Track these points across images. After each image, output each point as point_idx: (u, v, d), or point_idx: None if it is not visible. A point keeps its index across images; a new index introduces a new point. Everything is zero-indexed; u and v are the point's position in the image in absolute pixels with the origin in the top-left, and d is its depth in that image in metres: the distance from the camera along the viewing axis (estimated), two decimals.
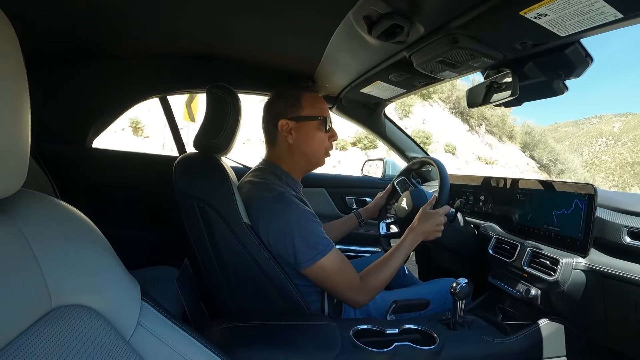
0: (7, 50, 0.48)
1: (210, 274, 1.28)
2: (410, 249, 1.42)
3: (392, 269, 1.35)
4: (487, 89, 1.48)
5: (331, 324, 1.21)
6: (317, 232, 1.25)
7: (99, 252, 0.64)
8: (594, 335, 1.37)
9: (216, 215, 1.21)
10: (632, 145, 78.74)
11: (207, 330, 1.11)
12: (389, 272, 1.35)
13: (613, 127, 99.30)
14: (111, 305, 0.62)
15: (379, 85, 1.90)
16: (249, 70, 2.07)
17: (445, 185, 1.53)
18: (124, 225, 2.04)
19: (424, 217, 1.46)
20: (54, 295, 0.54)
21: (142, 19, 1.49)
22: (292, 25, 1.48)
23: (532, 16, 0.98)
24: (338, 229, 1.91)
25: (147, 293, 0.70)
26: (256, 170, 1.44)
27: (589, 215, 1.29)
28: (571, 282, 1.29)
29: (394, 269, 1.36)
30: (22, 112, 0.51)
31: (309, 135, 1.38)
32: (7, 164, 0.49)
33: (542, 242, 1.46)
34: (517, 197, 1.64)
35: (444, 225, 1.48)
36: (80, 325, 0.55)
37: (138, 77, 2.02)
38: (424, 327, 1.29)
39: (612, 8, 0.89)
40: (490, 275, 1.64)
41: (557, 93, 1.36)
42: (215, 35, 1.69)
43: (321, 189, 2.56)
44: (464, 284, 1.32)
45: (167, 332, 0.69)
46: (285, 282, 1.25)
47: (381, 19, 1.19)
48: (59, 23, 1.46)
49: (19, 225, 0.53)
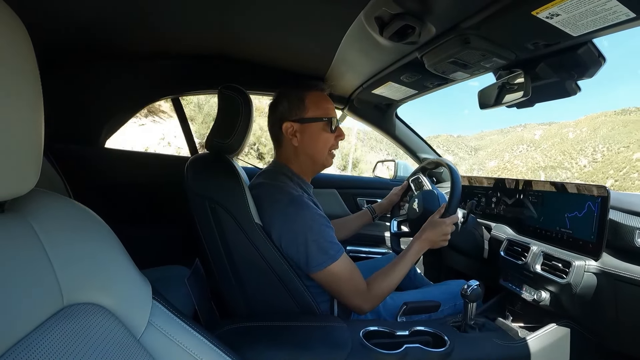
0: (20, 50, 0.49)
1: (221, 273, 1.28)
2: (417, 257, 1.42)
3: (398, 277, 1.35)
4: (499, 89, 1.47)
5: (341, 325, 1.21)
6: (329, 237, 1.25)
7: (111, 251, 0.65)
8: (606, 339, 1.35)
9: (227, 215, 1.22)
10: (548, 150, 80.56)
11: (218, 330, 1.11)
12: (395, 280, 1.34)
13: (534, 134, 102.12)
14: (122, 303, 0.62)
15: (391, 86, 1.90)
16: (261, 71, 2.07)
17: (456, 192, 1.51)
18: (135, 225, 2.06)
19: (430, 226, 1.45)
20: (65, 293, 0.54)
21: (154, 20, 1.50)
22: (304, 26, 1.48)
23: (544, 16, 0.97)
24: (352, 224, 1.92)
25: (158, 292, 0.71)
26: (267, 171, 1.44)
27: (602, 218, 1.28)
28: (583, 285, 1.28)
29: (400, 277, 1.36)
30: (36, 112, 0.52)
31: (314, 137, 1.37)
32: (21, 163, 0.50)
33: (554, 245, 1.45)
34: (529, 199, 1.63)
35: (455, 225, 1.47)
36: (92, 323, 0.56)
37: (150, 78, 2.04)
38: (435, 329, 1.28)
39: (625, 7, 0.88)
40: (502, 277, 1.62)
41: (569, 94, 1.35)
42: (227, 36, 1.70)
43: (333, 190, 2.56)
44: (475, 286, 1.31)
45: (178, 331, 0.69)
46: (296, 282, 1.26)
47: (393, 20, 1.18)
48: (72, 23, 1.47)
49: (31, 224, 0.54)
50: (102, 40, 1.70)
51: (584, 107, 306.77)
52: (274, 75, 2.09)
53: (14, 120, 0.47)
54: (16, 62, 0.48)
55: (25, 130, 0.50)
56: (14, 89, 0.47)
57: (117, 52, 1.85)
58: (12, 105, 0.47)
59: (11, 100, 0.47)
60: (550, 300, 1.37)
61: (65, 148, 1.89)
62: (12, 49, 0.47)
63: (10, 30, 0.48)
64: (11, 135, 0.47)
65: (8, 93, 0.46)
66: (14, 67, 0.47)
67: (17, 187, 0.51)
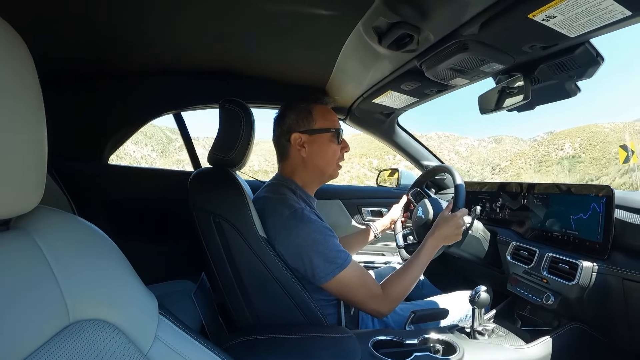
0: (21, 67, 0.49)
1: (227, 287, 1.28)
2: (431, 255, 1.41)
3: (413, 276, 1.34)
4: (500, 94, 1.47)
5: (350, 335, 1.20)
6: (334, 246, 1.24)
7: (116, 267, 0.65)
8: (617, 340, 1.34)
9: (232, 229, 1.22)
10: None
11: (226, 344, 1.10)
12: (410, 280, 1.33)
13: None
14: (129, 319, 0.62)
15: (391, 95, 1.90)
16: (261, 84, 2.08)
17: (461, 189, 1.51)
18: (140, 240, 2.06)
19: (443, 222, 1.45)
20: (71, 309, 0.54)
21: (155, 36, 1.52)
22: (303, 39, 1.49)
23: (540, 19, 0.98)
24: (355, 243, 1.92)
25: (164, 307, 0.71)
26: (270, 185, 1.44)
27: (608, 218, 1.27)
28: (591, 287, 1.27)
29: (416, 277, 1.35)
30: (39, 130, 0.52)
31: (322, 148, 1.38)
32: (25, 180, 0.50)
33: (560, 247, 1.44)
34: (533, 202, 1.62)
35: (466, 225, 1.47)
36: (98, 340, 0.55)
37: (152, 94, 2.05)
38: (444, 336, 1.27)
39: (620, 5, 0.89)
40: (509, 282, 1.61)
41: (569, 95, 1.35)
42: (227, 51, 1.71)
43: (337, 200, 2.56)
44: (482, 292, 1.30)
45: (185, 345, 0.69)
46: (302, 294, 1.25)
47: (390, 29, 1.19)
48: (75, 41, 1.49)
49: (37, 241, 0.54)
50: (103, 57, 1.71)
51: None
52: (274, 88, 2.09)
53: (17, 137, 0.48)
54: (19, 79, 0.48)
55: (29, 148, 0.50)
56: (17, 106, 0.48)
57: (119, 68, 1.86)
58: (15, 122, 0.48)
59: (14, 118, 0.47)
60: (559, 303, 1.36)
61: (69, 165, 1.89)
62: (14, 67, 0.48)
63: (13, 48, 0.48)
64: (15, 153, 0.48)
65: (11, 111, 0.47)
66: (16, 85, 0.48)
67: (22, 204, 0.51)
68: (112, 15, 1.31)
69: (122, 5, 1.24)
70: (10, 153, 0.47)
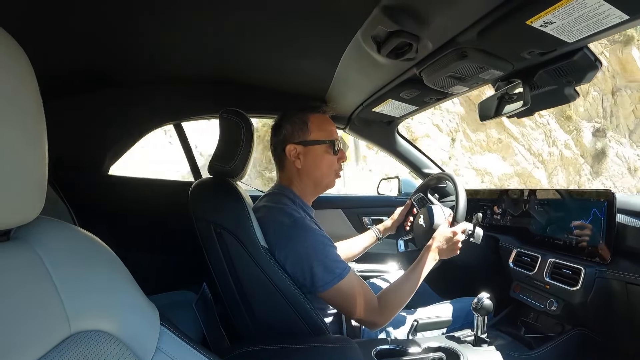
0: (22, 78, 0.50)
1: (228, 297, 1.27)
2: (429, 267, 1.40)
3: (410, 289, 1.33)
4: (499, 101, 1.48)
5: (353, 345, 1.19)
6: (333, 256, 1.24)
7: (117, 278, 0.65)
8: (621, 344, 1.33)
9: (233, 239, 1.21)
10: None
11: (227, 355, 1.10)
12: (407, 292, 1.32)
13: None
14: (130, 330, 0.62)
15: (391, 104, 1.90)
16: (261, 94, 2.08)
17: (462, 201, 1.51)
18: (141, 251, 2.06)
19: (440, 237, 1.43)
20: (72, 320, 0.54)
21: (154, 47, 1.53)
22: (303, 48, 1.50)
23: (538, 25, 0.98)
24: (357, 246, 1.90)
25: (165, 318, 0.70)
26: (270, 194, 1.44)
27: (609, 222, 1.27)
28: (594, 292, 1.26)
29: (413, 289, 1.33)
30: (39, 140, 0.52)
31: (317, 159, 1.38)
32: (26, 191, 0.50)
33: (563, 253, 1.44)
34: (535, 209, 1.62)
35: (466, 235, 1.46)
36: (99, 351, 0.55)
37: (152, 104, 2.05)
38: (447, 344, 1.27)
39: (617, 10, 0.89)
40: (512, 289, 1.61)
41: (569, 100, 1.35)
42: (228, 61, 1.71)
43: (337, 209, 2.55)
44: (485, 299, 1.30)
45: (187, 356, 0.69)
46: (304, 303, 1.24)
47: (389, 38, 1.19)
48: (74, 51, 1.50)
49: (37, 252, 0.54)
50: (104, 67, 1.72)
51: None
52: (275, 98, 2.09)
53: (18, 148, 0.48)
54: (19, 90, 0.48)
55: (29, 158, 0.50)
56: (17, 118, 0.48)
57: (119, 79, 1.87)
58: (15, 133, 0.48)
59: (15, 129, 0.47)
60: (563, 308, 1.36)
61: (70, 175, 1.89)
62: (14, 78, 0.48)
63: (13, 59, 0.49)
64: (15, 164, 0.48)
65: (11, 121, 0.47)
66: (17, 96, 0.48)
67: (23, 215, 0.51)
68: (111, 27, 1.32)
69: (122, 16, 1.25)
70: (11, 164, 0.47)
